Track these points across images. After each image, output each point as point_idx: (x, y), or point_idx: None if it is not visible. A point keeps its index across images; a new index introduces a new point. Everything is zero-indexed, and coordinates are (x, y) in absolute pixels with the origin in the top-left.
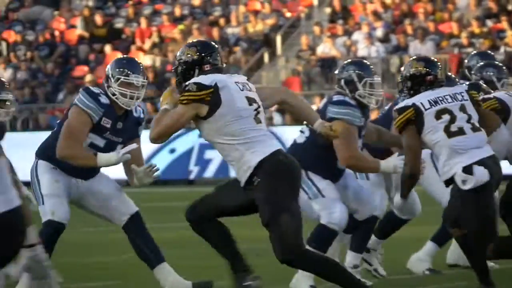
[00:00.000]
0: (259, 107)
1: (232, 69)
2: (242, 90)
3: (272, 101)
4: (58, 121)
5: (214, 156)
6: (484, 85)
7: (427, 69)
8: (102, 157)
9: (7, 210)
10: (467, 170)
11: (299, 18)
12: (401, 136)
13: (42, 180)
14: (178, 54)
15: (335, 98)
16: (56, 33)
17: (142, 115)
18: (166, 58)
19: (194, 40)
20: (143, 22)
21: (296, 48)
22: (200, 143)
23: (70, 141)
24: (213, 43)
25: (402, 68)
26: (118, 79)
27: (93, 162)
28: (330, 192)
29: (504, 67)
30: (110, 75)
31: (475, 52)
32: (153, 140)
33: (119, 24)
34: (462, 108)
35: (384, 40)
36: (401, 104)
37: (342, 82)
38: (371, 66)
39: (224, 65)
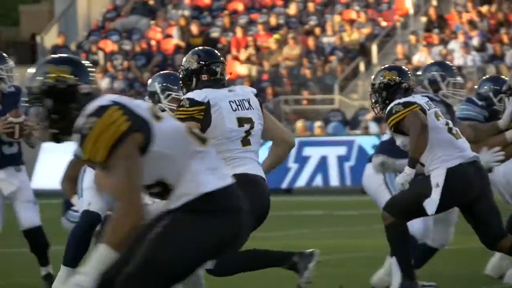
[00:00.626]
0: (251, 128)
1: (327, 78)
2: (235, 110)
3: (266, 136)
4: None
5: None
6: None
7: (400, 78)
8: None
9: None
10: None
11: (395, 27)
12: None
13: (85, 177)
14: (183, 58)
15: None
16: (153, 42)
17: None
18: (262, 68)
19: (200, 48)
20: (239, 31)
21: (392, 57)
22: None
23: None
24: (218, 54)
25: (373, 80)
26: (169, 95)
27: None
28: None
29: (452, 66)
30: (158, 91)
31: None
32: None
33: (215, 33)
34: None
35: (480, 49)
36: (401, 100)
37: (426, 82)
38: (453, 67)
39: (226, 77)
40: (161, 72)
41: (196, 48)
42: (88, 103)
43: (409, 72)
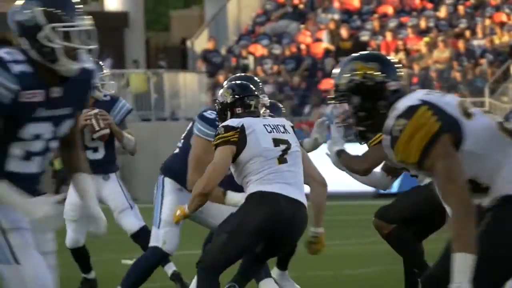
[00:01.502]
0: (288, 148)
1: (477, 80)
2: (270, 132)
3: None
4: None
5: None
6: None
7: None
8: (231, 196)
9: None
10: None
11: None
12: None
13: (165, 203)
14: (219, 92)
15: None
16: (302, 46)
17: None
18: (412, 71)
19: (236, 81)
20: (389, 35)
21: None
22: None
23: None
24: (252, 87)
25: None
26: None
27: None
28: None
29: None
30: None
31: None
32: (203, 195)
33: (364, 37)
34: None
35: None
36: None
37: None
38: None
39: (260, 108)
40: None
41: (232, 82)
42: (396, 100)
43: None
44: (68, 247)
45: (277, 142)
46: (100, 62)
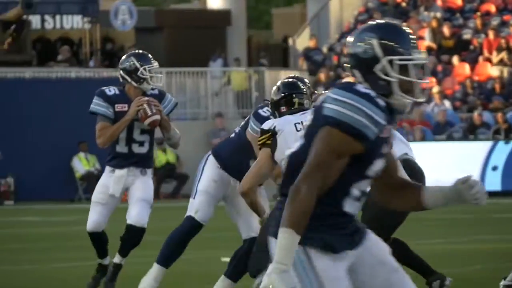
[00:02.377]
0: None
1: None
2: (299, 130)
3: None
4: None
5: None
6: None
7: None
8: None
9: None
10: None
11: None
12: None
13: (203, 175)
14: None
15: None
16: None
17: None
18: None
19: (283, 80)
20: (491, 33)
21: None
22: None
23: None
24: (299, 84)
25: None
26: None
27: None
28: None
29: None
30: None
31: None
32: (243, 194)
33: (466, 35)
34: None
35: None
36: None
37: None
38: None
39: (306, 105)
40: None
41: (282, 80)
42: None
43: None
44: (88, 230)
45: None
46: (149, 55)
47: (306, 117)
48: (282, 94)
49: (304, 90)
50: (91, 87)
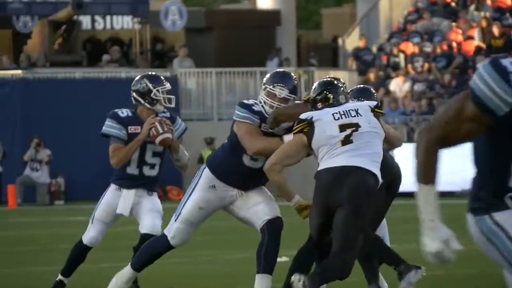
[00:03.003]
0: (355, 130)
1: None
2: (337, 119)
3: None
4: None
5: None
6: None
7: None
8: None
9: None
10: None
11: None
12: None
13: (192, 197)
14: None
15: None
16: (454, 44)
17: None
18: None
19: (322, 79)
20: None
21: None
22: None
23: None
24: (331, 81)
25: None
26: (265, 88)
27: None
28: None
29: None
30: (262, 84)
31: None
32: (269, 169)
33: None
34: None
35: None
36: None
37: None
38: None
39: (342, 100)
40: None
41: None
42: None
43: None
44: (86, 243)
45: (343, 127)
46: (162, 77)
47: (344, 108)
48: (318, 92)
49: (340, 86)
50: None
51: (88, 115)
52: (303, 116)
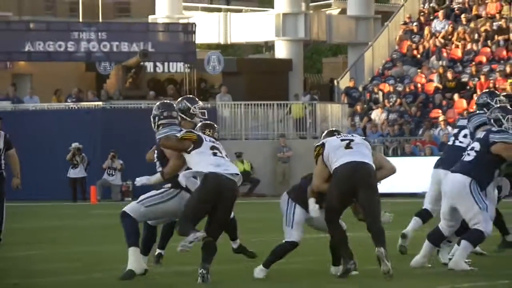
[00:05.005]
0: (352, 141)
1: None
2: (339, 137)
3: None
4: None
5: None
6: None
7: None
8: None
9: None
10: None
11: None
12: None
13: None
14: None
15: None
16: (418, 85)
17: None
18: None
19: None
20: (482, 77)
21: None
22: None
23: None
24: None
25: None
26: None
27: None
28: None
29: None
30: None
31: None
32: (310, 192)
33: (464, 78)
34: None
35: None
36: None
37: None
38: None
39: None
40: None
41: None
42: None
43: None
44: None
45: (344, 140)
46: (196, 98)
47: (345, 137)
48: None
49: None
50: None
51: (150, 136)
52: (317, 143)
